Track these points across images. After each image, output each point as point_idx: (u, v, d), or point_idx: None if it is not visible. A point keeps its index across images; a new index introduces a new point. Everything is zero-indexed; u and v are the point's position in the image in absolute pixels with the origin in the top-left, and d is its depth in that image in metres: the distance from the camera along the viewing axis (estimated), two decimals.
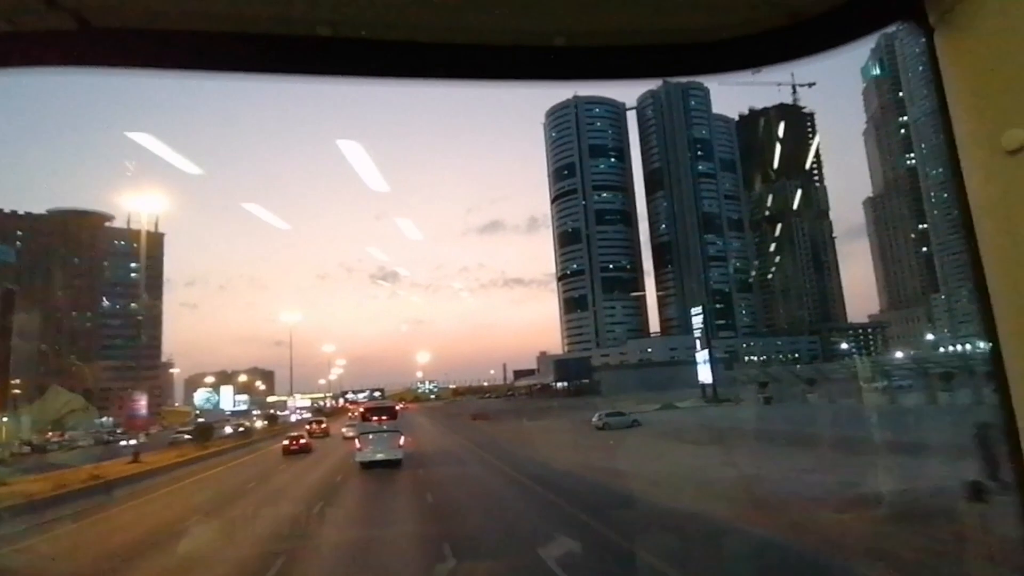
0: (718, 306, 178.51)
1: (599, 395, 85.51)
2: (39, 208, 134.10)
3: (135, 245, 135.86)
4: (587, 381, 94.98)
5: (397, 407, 33.25)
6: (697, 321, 72.61)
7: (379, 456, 26.69)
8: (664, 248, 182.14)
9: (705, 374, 59.56)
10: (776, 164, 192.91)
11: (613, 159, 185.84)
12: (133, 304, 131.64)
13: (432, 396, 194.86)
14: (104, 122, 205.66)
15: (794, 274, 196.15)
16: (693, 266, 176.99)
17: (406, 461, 27.14)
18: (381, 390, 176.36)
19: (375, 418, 28.93)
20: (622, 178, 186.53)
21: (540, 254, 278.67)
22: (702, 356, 60.20)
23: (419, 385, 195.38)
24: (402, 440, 28.01)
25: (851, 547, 9.79)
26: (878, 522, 11.13)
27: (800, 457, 20.31)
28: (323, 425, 56.49)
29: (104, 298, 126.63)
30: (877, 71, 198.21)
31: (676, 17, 1.21)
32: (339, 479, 24.90)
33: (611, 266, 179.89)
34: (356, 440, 28.68)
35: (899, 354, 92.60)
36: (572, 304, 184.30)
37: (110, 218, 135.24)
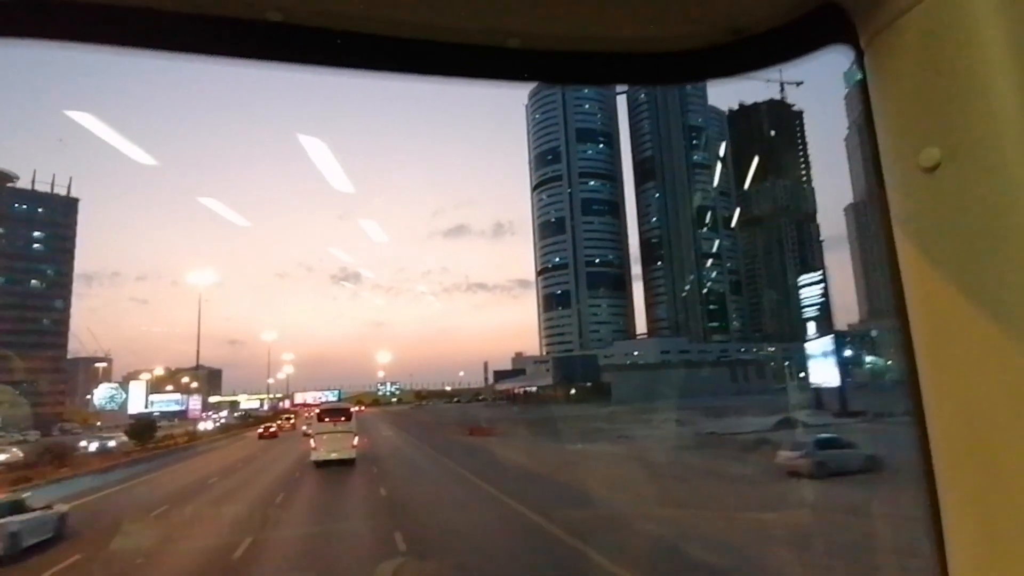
0: (711, 307, 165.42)
1: (611, 400, 69.23)
2: None
3: (40, 210, 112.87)
4: (592, 384, 78.47)
5: (353, 410, 33.93)
6: (811, 305, 56.27)
7: (333, 455, 28.33)
8: (654, 243, 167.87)
9: (825, 374, 41.86)
10: (765, 162, 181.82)
11: (602, 145, 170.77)
12: (34, 281, 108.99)
13: (394, 399, 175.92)
14: (44, 101, 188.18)
15: (781, 277, 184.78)
16: (686, 263, 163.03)
17: None
18: (338, 391, 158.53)
19: (330, 419, 30.46)
20: (611, 166, 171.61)
21: (505, 260, 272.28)
22: (819, 348, 43.01)
23: (379, 387, 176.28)
24: (355, 440, 29.71)
25: None
26: None
27: None
28: None
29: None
30: (860, 76, 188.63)
31: (625, 27, 1.26)
32: None
33: (597, 260, 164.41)
34: (311, 440, 30.24)
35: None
36: (553, 301, 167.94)
37: (12, 178, 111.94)
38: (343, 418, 30.94)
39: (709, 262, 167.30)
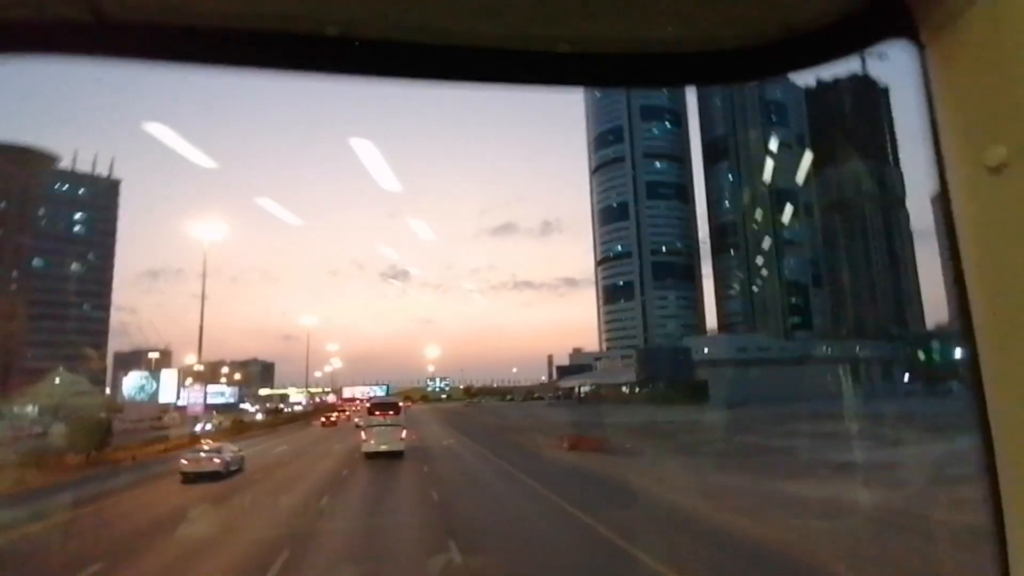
0: (792, 301, 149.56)
1: (710, 402, 57.26)
2: None
3: (82, 191, 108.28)
4: (683, 381, 66.15)
5: (400, 403, 34.92)
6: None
7: (383, 448, 29.82)
8: (727, 229, 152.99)
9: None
10: (847, 142, 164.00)
11: (668, 123, 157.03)
12: (75, 265, 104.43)
13: (443, 396, 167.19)
14: (119, 114, 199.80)
15: (865, 270, 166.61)
16: (764, 252, 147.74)
17: None
18: (386, 386, 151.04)
19: (379, 413, 31.99)
20: (678, 146, 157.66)
21: (553, 258, 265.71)
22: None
23: (429, 382, 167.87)
24: (404, 434, 31.43)
25: None
26: None
27: None
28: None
29: (36, 255, 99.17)
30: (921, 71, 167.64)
31: (678, 28, 1.26)
32: None
33: (663, 248, 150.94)
34: (362, 433, 31.97)
35: None
36: (614, 293, 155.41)
37: (55, 159, 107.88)
38: (392, 412, 32.28)
39: (789, 251, 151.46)
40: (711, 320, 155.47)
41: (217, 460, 26.17)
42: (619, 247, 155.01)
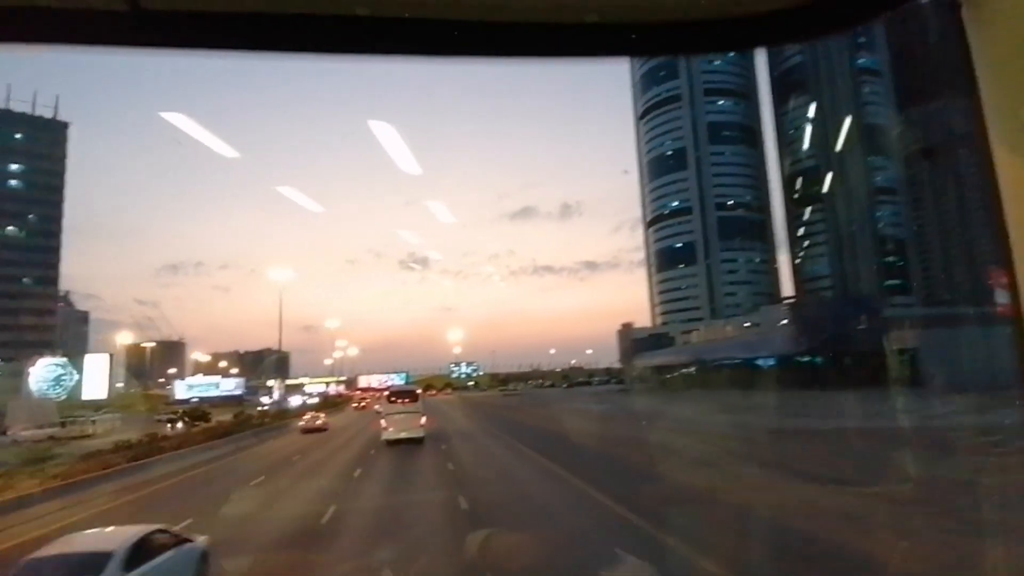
0: (888, 260, 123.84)
1: (927, 383, 34.21)
2: None
3: (18, 136, 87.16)
4: (861, 353, 42.02)
5: (418, 391, 35.08)
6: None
7: (403, 435, 30.20)
8: (805, 177, 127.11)
9: None
10: (937, 76, 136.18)
11: (732, 53, 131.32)
12: (11, 227, 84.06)
13: (471, 383, 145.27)
14: (138, 102, 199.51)
15: (959, 225, 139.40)
16: (854, 203, 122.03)
17: None
18: (404, 374, 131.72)
19: (398, 401, 32.55)
20: (744, 79, 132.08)
21: (572, 242, 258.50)
22: None
23: (453, 368, 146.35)
24: (423, 420, 31.61)
25: None
26: None
27: None
28: None
29: None
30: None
31: None
32: None
33: (730, 202, 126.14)
34: (382, 421, 32.08)
35: None
36: (671, 257, 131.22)
37: None
38: (409, 400, 32.69)
39: (883, 200, 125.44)
40: (787, 286, 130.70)
41: (320, 421, 45.74)
42: (675, 202, 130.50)
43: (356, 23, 1.21)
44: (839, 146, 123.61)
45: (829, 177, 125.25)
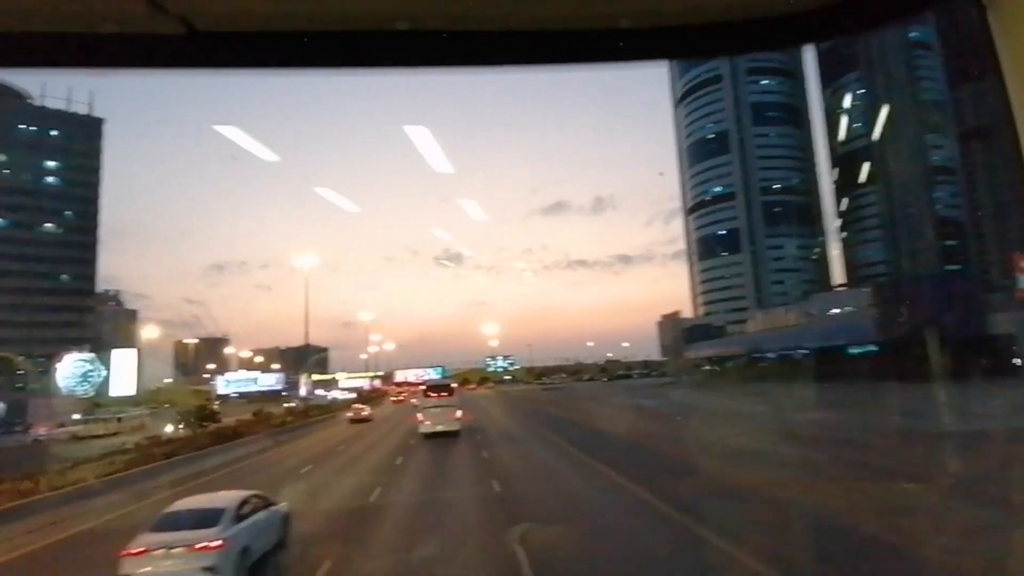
0: (947, 243, 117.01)
1: None
2: None
3: (55, 133, 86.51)
4: (963, 339, 37.10)
5: (453, 385, 36.06)
6: None
7: (439, 428, 30.51)
8: (856, 158, 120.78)
9: None
10: (986, 53, 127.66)
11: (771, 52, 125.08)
12: (48, 224, 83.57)
13: (507, 377, 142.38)
14: (184, 110, 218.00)
15: (1019, 210, 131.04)
16: (909, 184, 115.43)
17: None
18: (441, 368, 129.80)
19: (434, 395, 33.10)
20: (789, 57, 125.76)
21: (605, 236, 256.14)
22: None
23: (489, 361, 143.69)
24: (459, 414, 31.74)
25: None
26: None
27: None
28: None
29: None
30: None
31: None
32: None
33: (776, 186, 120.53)
34: (419, 414, 32.37)
35: None
36: (712, 245, 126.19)
37: (25, 96, 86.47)
38: (445, 393, 33.33)
39: (940, 180, 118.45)
40: (837, 274, 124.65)
41: (365, 413, 49.44)
42: (718, 188, 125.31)
43: (398, 38, 1.24)
44: (891, 124, 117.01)
45: (881, 157, 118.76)
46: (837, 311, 69.63)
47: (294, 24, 1.23)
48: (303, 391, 65.26)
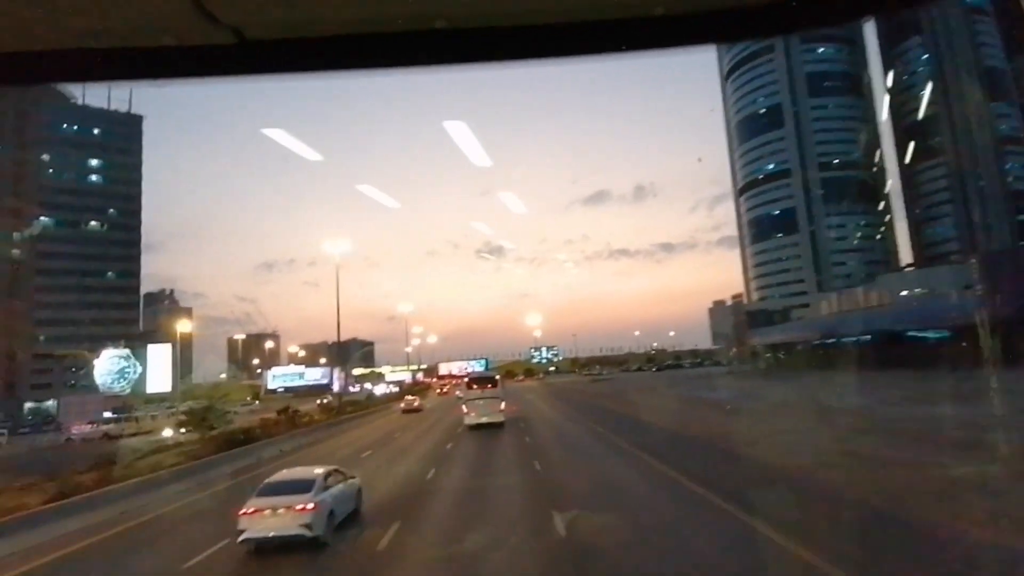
0: (1021, 218, 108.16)
1: None
2: None
3: (96, 131, 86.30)
4: None
5: (497, 377, 35.37)
6: None
7: (484, 420, 30.85)
8: (922, 129, 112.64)
9: None
10: None
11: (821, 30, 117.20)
12: (94, 222, 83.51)
13: (552, 368, 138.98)
14: (230, 113, 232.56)
15: None
16: (980, 155, 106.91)
17: None
18: (484, 360, 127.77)
19: (478, 387, 33.35)
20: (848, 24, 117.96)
21: (647, 224, 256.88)
22: None
23: (533, 352, 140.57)
24: (503, 406, 32.11)
25: None
26: None
27: None
28: None
29: (42, 212, 78.41)
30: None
31: None
32: None
33: (836, 161, 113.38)
34: (464, 406, 33.03)
35: None
36: (766, 226, 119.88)
37: (68, 97, 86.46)
38: (490, 385, 33.32)
39: (1009, 151, 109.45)
40: (904, 253, 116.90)
41: (417, 403, 52.40)
42: (771, 165, 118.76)
43: (437, 36, 1.26)
44: (955, 92, 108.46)
45: (946, 128, 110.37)
46: (920, 291, 63.62)
47: (337, 28, 1.27)
48: (336, 386, 62.37)
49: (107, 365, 52.51)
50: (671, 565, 9.47)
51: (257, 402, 65.36)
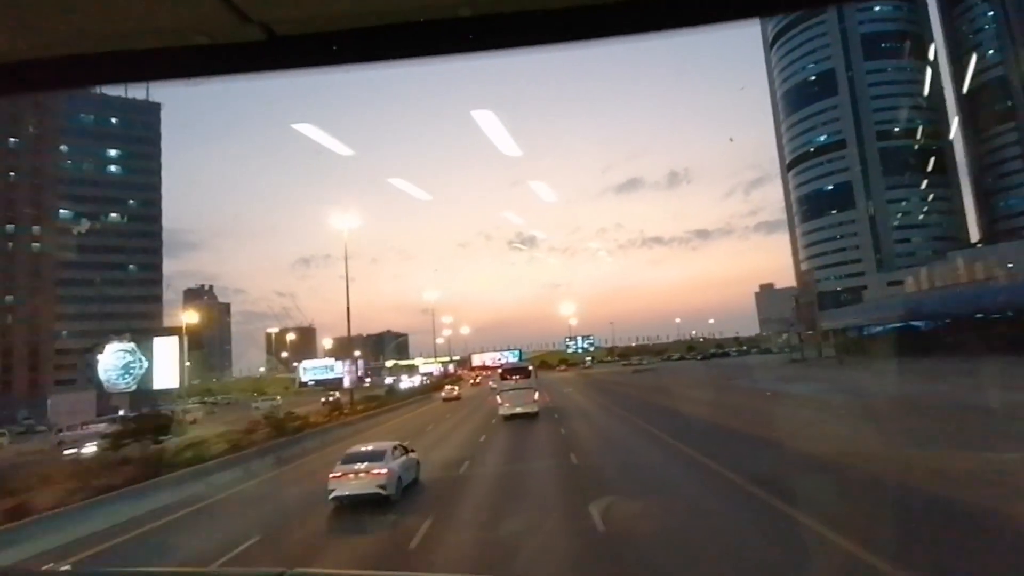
0: None
1: None
2: None
3: (115, 120, 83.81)
4: None
5: (530, 368, 35.73)
6: None
7: (518, 410, 30.88)
8: (991, 91, 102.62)
9: None
10: None
11: None
12: (114, 214, 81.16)
13: (588, 358, 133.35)
14: (261, 112, 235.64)
15: None
16: None
17: None
18: (518, 351, 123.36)
19: (511, 378, 33.34)
20: None
21: (681, 211, 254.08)
22: None
23: (568, 342, 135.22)
24: (536, 395, 32.07)
25: None
26: None
27: None
28: None
29: (61, 204, 76.23)
30: None
31: None
32: None
33: (896, 129, 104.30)
34: (497, 397, 33.07)
35: None
36: (819, 203, 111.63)
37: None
38: (523, 376, 33.42)
39: None
40: (974, 228, 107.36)
41: (455, 392, 56.27)
42: (823, 136, 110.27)
43: (463, 24, 1.25)
44: None
45: (1020, 88, 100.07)
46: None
47: (364, 20, 1.28)
48: (347, 380, 53.11)
49: (111, 360, 49.19)
50: None
51: (278, 397, 61.50)
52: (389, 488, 13.61)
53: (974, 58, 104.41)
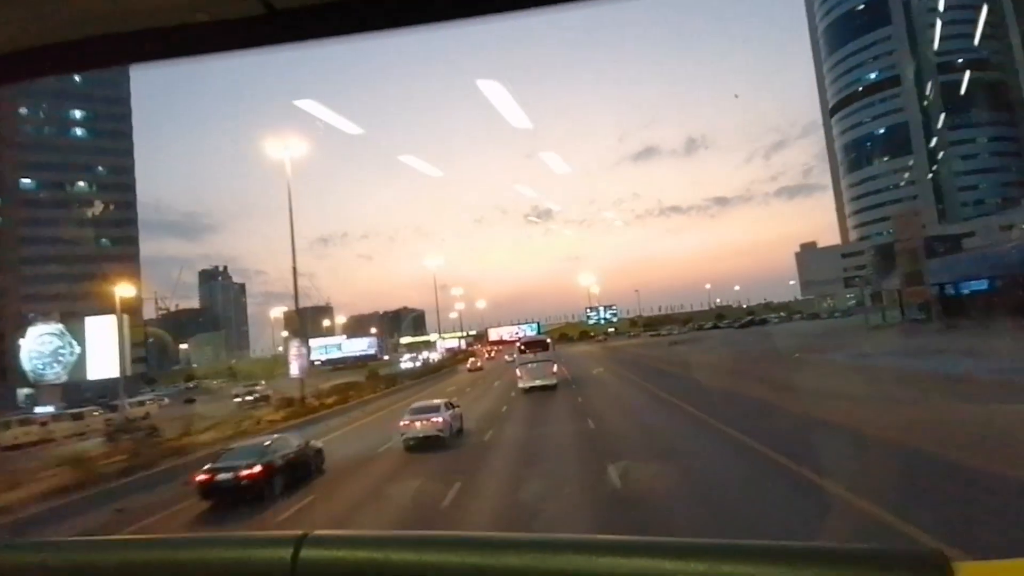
0: None
1: None
2: None
3: (77, 79, 74.73)
4: None
5: (548, 340, 35.59)
6: None
7: (537, 383, 31.37)
8: None
9: None
10: None
11: None
12: (81, 182, 72.79)
13: (610, 329, 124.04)
14: (268, 93, 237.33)
15: None
16: None
17: None
18: (536, 324, 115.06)
19: (530, 350, 33.69)
20: None
21: (699, 179, 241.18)
22: None
23: (589, 313, 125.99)
24: (555, 368, 32.73)
25: None
26: None
27: None
28: None
29: (23, 173, 67.90)
30: None
31: None
32: None
33: (959, 61, 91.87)
34: (517, 371, 33.41)
35: None
36: (869, 149, 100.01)
37: None
38: (541, 349, 33.74)
39: None
40: None
41: (479, 364, 63.48)
42: (873, 73, 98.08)
43: None
44: None
45: None
46: None
47: None
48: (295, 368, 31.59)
49: (35, 345, 41.05)
50: None
51: (263, 382, 53.41)
52: (444, 432, 18.16)
53: None
